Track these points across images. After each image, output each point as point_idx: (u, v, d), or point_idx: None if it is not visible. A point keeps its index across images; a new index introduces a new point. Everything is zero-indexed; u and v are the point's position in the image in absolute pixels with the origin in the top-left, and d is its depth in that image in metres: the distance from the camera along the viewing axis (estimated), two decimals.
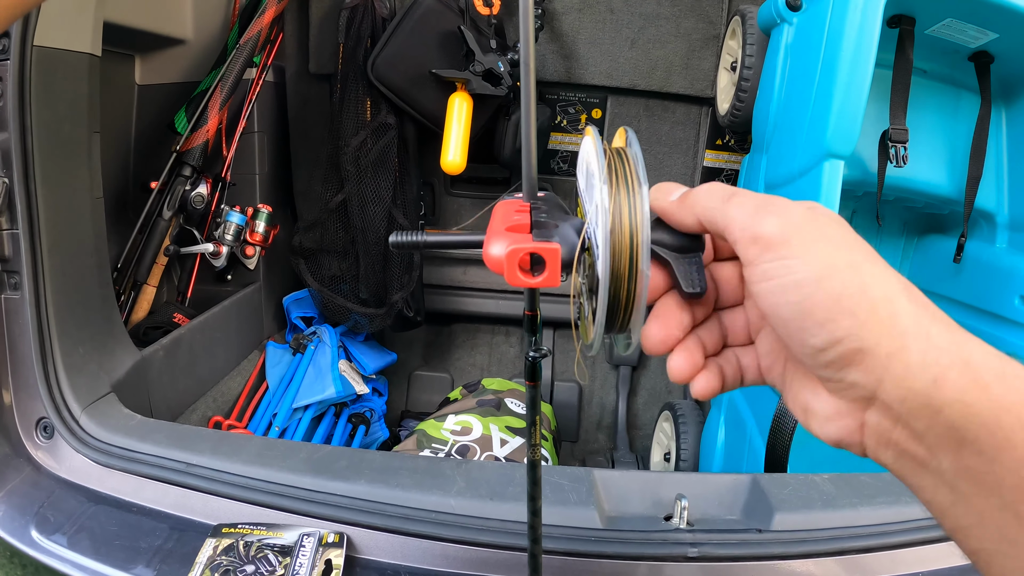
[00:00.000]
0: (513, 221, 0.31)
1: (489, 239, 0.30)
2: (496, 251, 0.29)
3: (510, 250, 0.29)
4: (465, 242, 0.34)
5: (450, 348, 1.85)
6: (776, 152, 1.23)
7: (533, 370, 0.36)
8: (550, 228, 0.31)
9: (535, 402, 0.38)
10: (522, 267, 0.29)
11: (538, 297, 0.34)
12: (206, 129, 1.24)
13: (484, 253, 0.30)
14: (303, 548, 0.66)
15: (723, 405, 1.33)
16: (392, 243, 0.34)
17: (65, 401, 0.83)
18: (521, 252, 0.29)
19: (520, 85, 0.30)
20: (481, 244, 0.31)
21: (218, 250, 1.31)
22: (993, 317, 1.20)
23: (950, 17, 1.10)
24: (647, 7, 1.51)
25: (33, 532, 0.71)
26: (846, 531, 0.70)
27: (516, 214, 0.32)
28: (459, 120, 1.32)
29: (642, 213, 0.31)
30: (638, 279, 0.31)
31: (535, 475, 0.40)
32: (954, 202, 1.25)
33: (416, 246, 0.34)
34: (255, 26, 1.30)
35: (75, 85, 0.87)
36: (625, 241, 0.30)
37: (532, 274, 0.29)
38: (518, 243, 0.29)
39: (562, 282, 0.30)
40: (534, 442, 0.39)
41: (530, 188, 0.32)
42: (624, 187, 0.31)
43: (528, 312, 0.34)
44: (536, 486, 0.41)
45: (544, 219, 0.31)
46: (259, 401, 1.39)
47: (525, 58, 0.29)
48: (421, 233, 0.34)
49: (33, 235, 0.81)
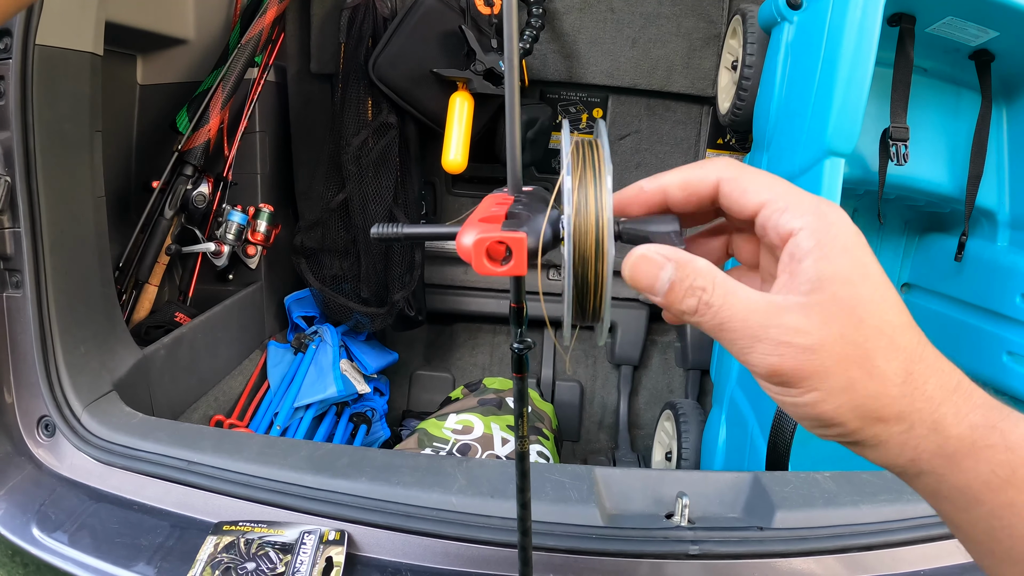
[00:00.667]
0: (489, 213, 0.32)
1: (463, 230, 0.31)
2: (465, 240, 0.30)
3: (477, 239, 0.29)
4: (442, 233, 0.34)
5: (451, 348, 1.85)
6: (777, 150, 1.23)
7: (520, 362, 0.37)
8: (522, 219, 0.31)
9: (522, 393, 0.39)
10: (490, 256, 0.29)
11: (523, 290, 0.34)
12: (208, 128, 1.24)
13: (456, 243, 0.31)
14: (304, 545, 0.66)
15: (724, 404, 1.32)
16: (373, 235, 0.35)
17: (67, 399, 0.83)
18: (488, 241, 0.29)
19: (506, 84, 0.30)
20: (455, 236, 0.32)
21: (220, 249, 1.31)
22: (994, 315, 1.20)
23: (951, 15, 1.10)
24: (648, 6, 1.51)
25: (34, 530, 0.71)
26: (847, 529, 0.70)
27: (495, 206, 0.32)
28: (460, 119, 1.32)
29: (606, 193, 0.31)
30: (604, 259, 0.31)
31: (523, 467, 0.41)
32: (955, 200, 1.25)
33: (395, 238, 0.34)
34: (256, 26, 1.31)
35: (77, 84, 0.88)
36: (591, 221, 0.31)
37: (500, 263, 0.29)
38: (485, 232, 0.29)
39: (528, 272, 0.31)
40: (522, 434, 0.39)
41: (514, 182, 0.33)
42: (591, 172, 0.32)
43: (513, 305, 0.35)
44: (525, 478, 0.41)
45: (520, 211, 0.32)
46: (260, 400, 1.39)
47: (509, 53, 0.30)
48: (400, 225, 0.35)
49: (35, 234, 0.81)
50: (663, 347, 1.81)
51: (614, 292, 1.31)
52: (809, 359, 0.29)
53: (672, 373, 1.81)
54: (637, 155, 1.64)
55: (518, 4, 0.29)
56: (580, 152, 0.33)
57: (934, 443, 0.29)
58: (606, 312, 0.33)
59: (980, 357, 1.21)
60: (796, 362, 0.29)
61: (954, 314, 1.29)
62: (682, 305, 0.31)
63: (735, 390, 1.29)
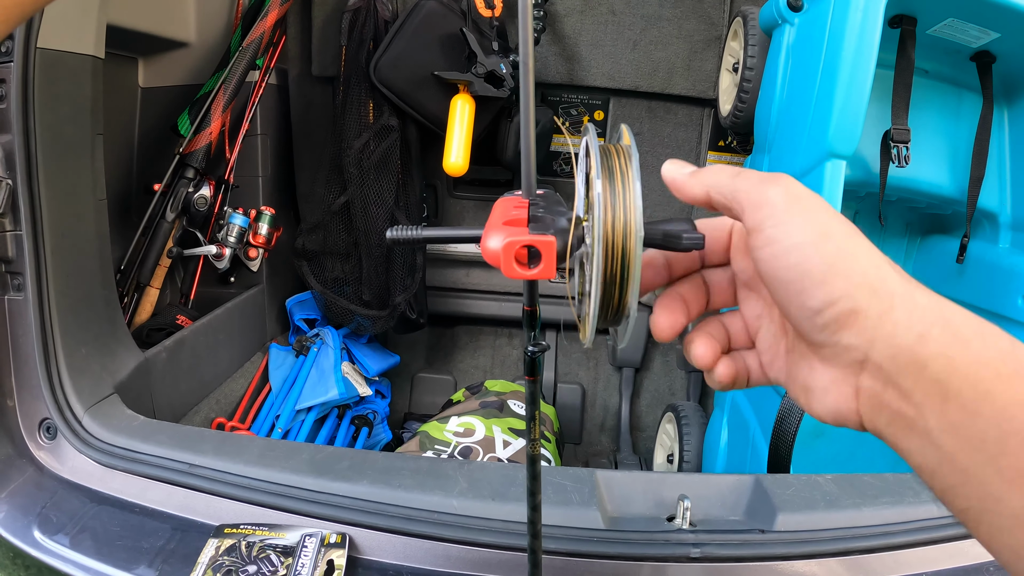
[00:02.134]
0: (511, 216, 0.32)
1: (487, 233, 0.31)
2: (493, 244, 0.30)
3: (507, 243, 0.29)
4: (463, 236, 0.34)
5: (453, 350, 1.85)
6: (778, 152, 1.22)
7: (533, 365, 0.37)
8: (547, 222, 0.31)
9: (534, 397, 0.39)
10: (519, 259, 0.30)
11: (537, 293, 0.35)
12: (209, 131, 1.25)
13: (482, 247, 0.31)
14: (305, 548, 0.66)
15: (726, 407, 1.32)
16: (389, 238, 0.34)
17: (68, 402, 0.83)
18: (517, 244, 0.29)
19: (521, 84, 0.30)
20: (479, 239, 0.32)
21: (221, 252, 1.31)
22: (996, 317, 1.20)
23: (951, 17, 1.10)
24: (649, 9, 1.51)
25: (36, 532, 0.71)
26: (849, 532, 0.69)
27: (514, 210, 0.33)
28: (461, 122, 1.32)
29: (634, 194, 0.32)
30: (632, 255, 0.32)
31: (535, 470, 0.41)
32: (957, 202, 1.24)
33: (415, 241, 0.34)
34: (258, 29, 1.31)
35: (78, 87, 0.88)
36: (619, 221, 0.31)
37: (528, 266, 0.30)
38: (514, 236, 0.30)
39: (557, 275, 0.31)
40: (533, 437, 0.39)
41: (529, 185, 0.33)
42: (618, 175, 0.32)
43: (527, 308, 0.35)
44: (536, 481, 0.41)
45: (541, 214, 0.32)
46: (262, 403, 1.39)
47: (524, 57, 0.30)
48: (419, 228, 0.35)
49: (36, 236, 0.81)
50: (665, 349, 1.81)
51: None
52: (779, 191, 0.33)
53: (674, 375, 1.81)
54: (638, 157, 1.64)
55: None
56: (610, 156, 0.33)
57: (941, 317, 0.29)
58: (632, 311, 0.34)
59: None
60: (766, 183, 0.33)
61: None
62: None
63: (737, 393, 1.29)
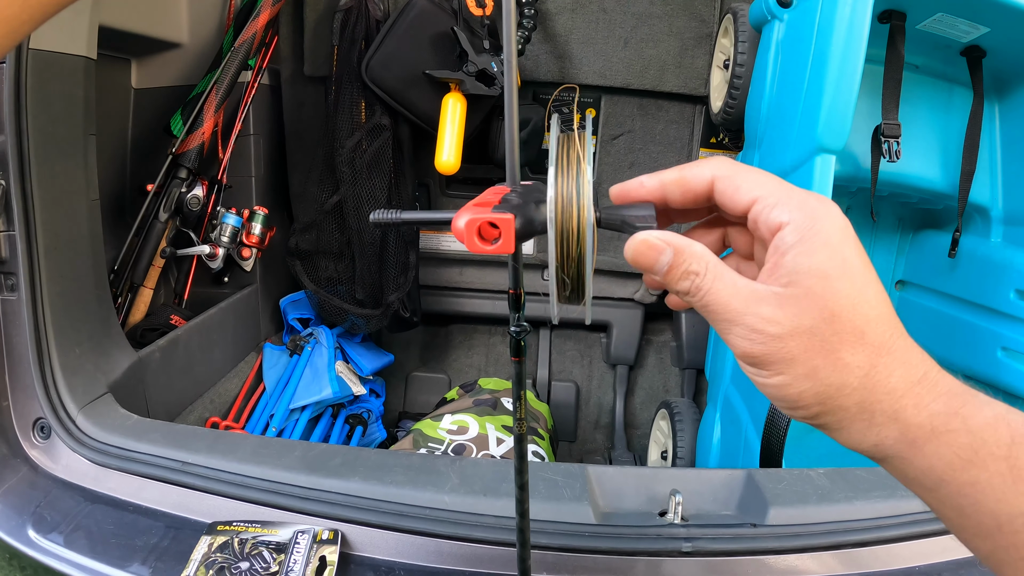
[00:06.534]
0: (484, 200, 0.34)
1: (458, 214, 0.33)
2: (459, 222, 0.33)
3: (468, 220, 0.32)
4: (440, 220, 0.36)
5: (447, 349, 1.85)
6: (768, 148, 1.23)
7: (518, 346, 0.38)
8: (514, 204, 0.34)
9: (520, 377, 0.40)
10: (481, 235, 0.32)
11: (521, 276, 0.37)
12: (202, 132, 1.24)
13: (452, 225, 0.34)
14: (298, 545, 0.66)
15: (719, 402, 1.33)
16: (372, 220, 0.37)
17: (62, 401, 0.83)
18: (479, 221, 0.32)
19: (505, 80, 0.32)
20: (451, 221, 0.34)
21: (214, 252, 1.31)
22: (988, 311, 1.20)
23: (941, 12, 1.10)
24: (640, 6, 1.51)
25: (30, 531, 0.71)
26: (841, 525, 0.70)
27: (491, 195, 0.35)
28: (453, 121, 1.32)
29: (586, 182, 0.34)
30: (583, 240, 0.34)
31: (521, 449, 0.42)
32: (948, 197, 1.25)
33: (394, 223, 0.36)
34: (250, 29, 1.31)
35: (71, 88, 0.88)
36: (572, 204, 0.33)
37: (491, 243, 0.32)
38: (477, 213, 0.32)
39: (530, 271, 0.33)
40: (520, 416, 0.41)
41: (512, 176, 0.35)
42: (574, 160, 0.34)
43: (512, 291, 0.37)
44: (523, 460, 0.42)
45: (515, 200, 0.34)
46: (256, 402, 1.39)
47: (508, 53, 0.31)
48: (398, 211, 0.37)
49: (29, 237, 0.81)
50: (659, 347, 1.82)
51: (609, 292, 1.32)
52: (777, 347, 0.31)
53: (668, 372, 1.81)
54: (631, 155, 1.65)
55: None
56: (565, 144, 0.35)
57: (896, 430, 0.31)
58: (588, 290, 0.36)
59: (975, 353, 1.21)
60: (766, 348, 0.31)
61: (948, 310, 1.30)
62: (678, 286, 0.34)
63: (729, 389, 1.29)
